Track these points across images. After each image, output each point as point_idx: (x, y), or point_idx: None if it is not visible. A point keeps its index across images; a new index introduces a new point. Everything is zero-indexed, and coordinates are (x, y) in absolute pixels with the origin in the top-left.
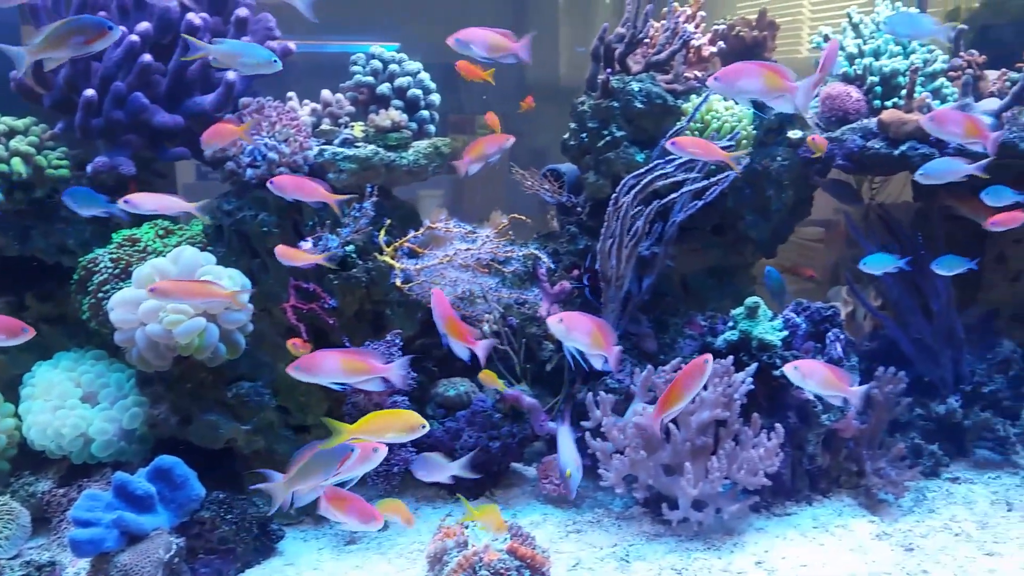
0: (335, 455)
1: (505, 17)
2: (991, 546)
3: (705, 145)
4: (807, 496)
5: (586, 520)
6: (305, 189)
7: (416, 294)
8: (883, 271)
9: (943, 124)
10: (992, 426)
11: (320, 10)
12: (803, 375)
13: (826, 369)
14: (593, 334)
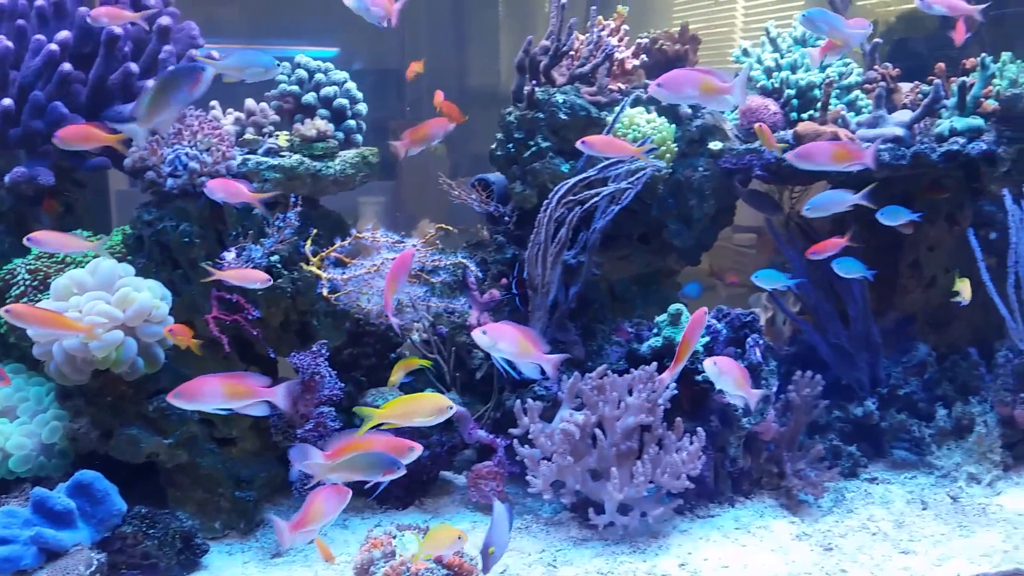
0: (383, 462)
1: (446, 26)
2: (907, 544)
3: (613, 143)
4: (730, 498)
5: (515, 527)
6: (231, 191)
7: (343, 304)
8: (772, 287)
9: (811, 158)
10: (908, 427)
11: (258, 15)
12: (720, 371)
13: (740, 370)
14: (520, 343)
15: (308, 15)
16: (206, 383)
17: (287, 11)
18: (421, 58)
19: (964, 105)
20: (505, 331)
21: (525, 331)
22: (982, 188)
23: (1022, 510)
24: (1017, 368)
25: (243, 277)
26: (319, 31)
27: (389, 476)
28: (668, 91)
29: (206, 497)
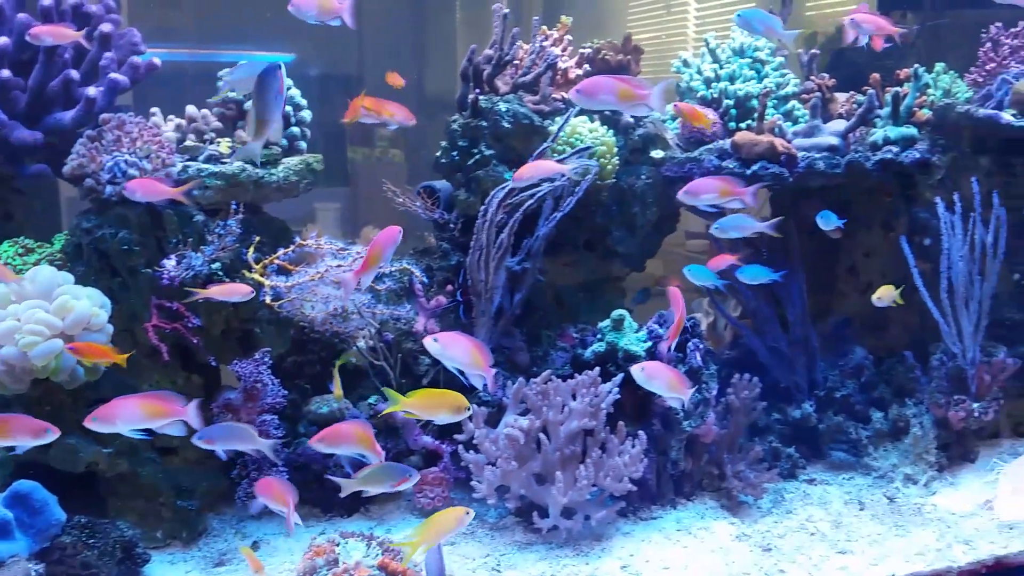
0: (398, 472)
1: (404, 31)
2: (844, 544)
3: (539, 166)
4: (672, 500)
5: (460, 532)
6: (150, 190)
7: (287, 311)
8: (702, 283)
9: (698, 194)
10: (845, 429)
11: (211, 20)
12: (648, 377)
13: (670, 372)
14: (470, 353)
15: (262, 20)
16: (122, 405)
17: (240, 16)
18: (379, 63)
19: (898, 115)
20: (456, 340)
21: (475, 342)
22: (917, 195)
23: (956, 510)
24: (951, 371)
25: (228, 292)
26: (273, 36)
27: (404, 485)
28: (586, 97)
29: (147, 506)
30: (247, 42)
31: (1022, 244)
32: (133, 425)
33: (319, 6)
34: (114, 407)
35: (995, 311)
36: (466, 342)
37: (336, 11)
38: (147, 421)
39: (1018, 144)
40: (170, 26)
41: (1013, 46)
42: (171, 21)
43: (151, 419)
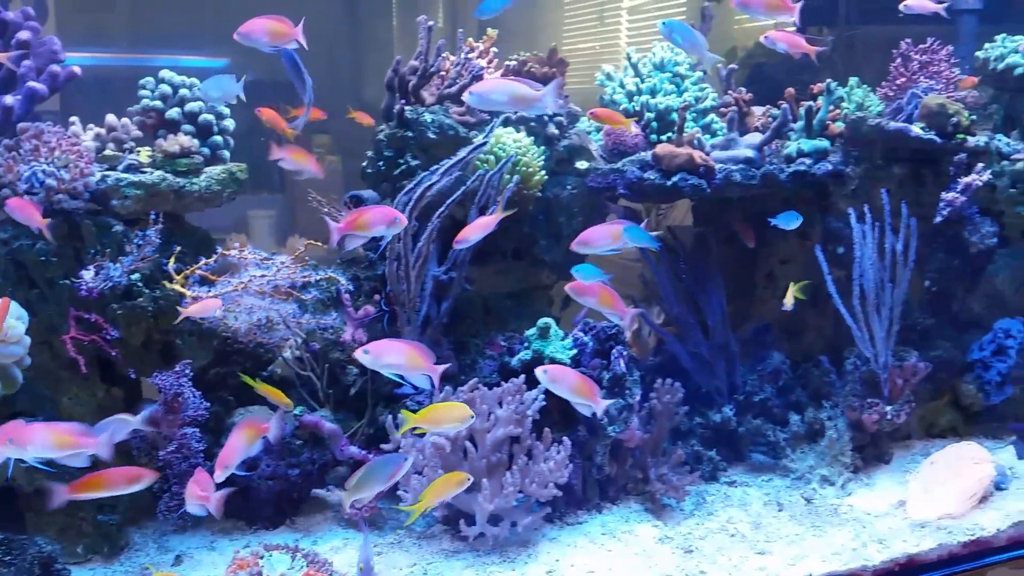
0: (393, 463)
1: (340, 36)
2: (763, 545)
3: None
4: (597, 504)
5: (387, 542)
6: (26, 214)
7: (209, 322)
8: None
9: (589, 243)
10: (764, 432)
11: (144, 24)
12: (552, 379)
13: (577, 378)
14: (407, 355)
15: (197, 25)
16: (34, 431)
17: (175, 20)
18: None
19: (811, 128)
20: (388, 347)
21: (410, 344)
22: (831, 205)
23: (870, 510)
24: (864, 375)
25: (204, 309)
26: (209, 41)
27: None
28: (478, 97)
29: (68, 521)
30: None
31: (933, 252)
32: (40, 455)
33: (270, 32)
34: (23, 432)
35: (907, 317)
36: (400, 346)
37: (289, 35)
38: (55, 451)
39: (927, 155)
40: (102, 30)
41: (922, 61)
42: (103, 25)
43: (60, 449)
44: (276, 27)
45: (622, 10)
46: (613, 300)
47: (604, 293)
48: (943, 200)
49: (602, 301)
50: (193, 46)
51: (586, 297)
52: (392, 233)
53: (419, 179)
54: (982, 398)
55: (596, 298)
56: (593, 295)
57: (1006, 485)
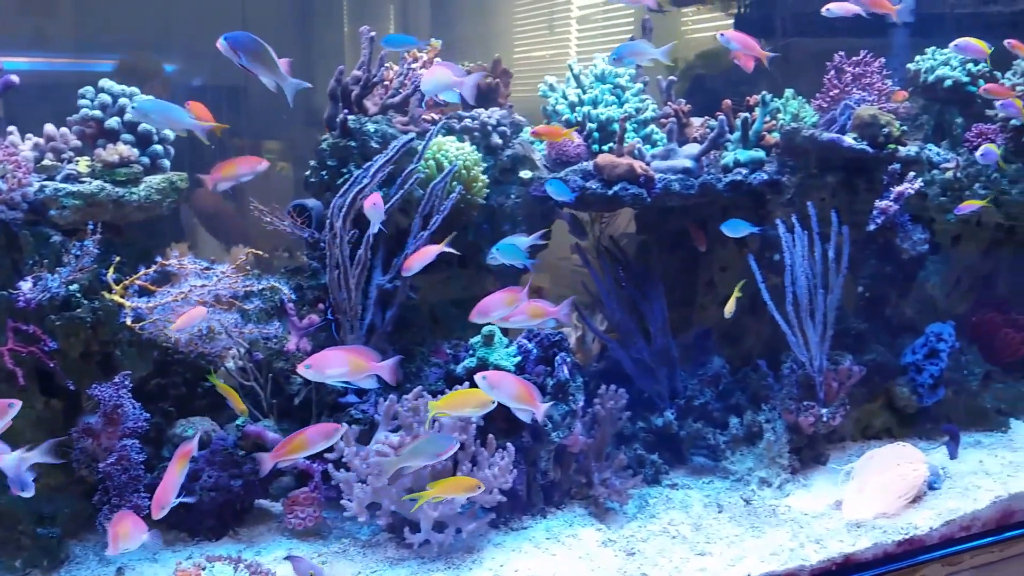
0: (444, 443)
1: (290, 43)
2: (703, 546)
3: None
4: (542, 509)
5: (332, 551)
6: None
7: (149, 333)
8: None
9: (487, 313)
10: (704, 436)
11: (89, 28)
12: (491, 385)
13: (517, 383)
14: (350, 361)
15: (144, 29)
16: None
17: (120, 25)
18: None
19: (747, 139)
20: (330, 356)
21: (350, 349)
22: (767, 214)
23: (808, 510)
24: (800, 379)
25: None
26: (155, 46)
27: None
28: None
29: (6, 535)
30: (125, 52)
31: (867, 259)
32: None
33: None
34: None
35: (841, 322)
36: (341, 353)
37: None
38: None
39: (860, 165)
40: (45, 35)
41: (855, 74)
42: (46, 29)
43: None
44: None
45: (571, 19)
46: (542, 308)
47: (531, 307)
48: (876, 208)
49: (533, 314)
50: (139, 51)
51: (517, 319)
52: (255, 174)
53: (352, 179)
54: (915, 400)
55: (526, 315)
56: (523, 314)
57: (939, 485)
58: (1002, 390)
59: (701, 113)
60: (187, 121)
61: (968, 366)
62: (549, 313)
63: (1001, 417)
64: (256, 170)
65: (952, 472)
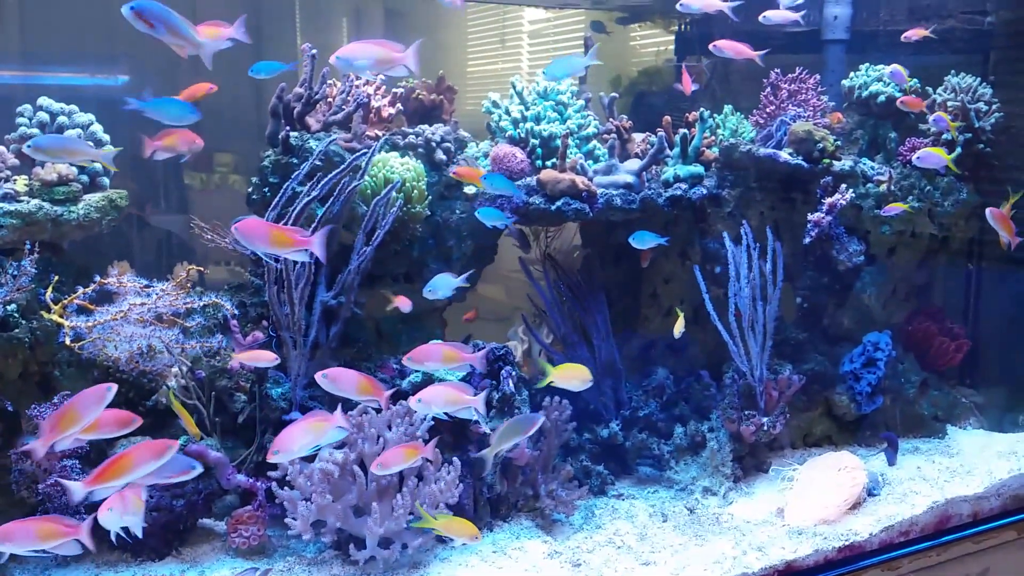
0: (530, 422)
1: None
2: (648, 555)
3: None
4: (489, 523)
5: (277, 570)
6: None
7: (89, 352)
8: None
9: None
10: (649, 446)
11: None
12: (427, 402)
13: (445, 390)
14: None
15: (91, 41)
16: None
17: (68, 36)
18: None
19: (686, 154)
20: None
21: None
22: (708, 228)
23: (750, 518)
24: (742, 388)
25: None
26: (103, 59)
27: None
28: (344, 61)
29: None
30: (76, 64)
31: (804, 270)
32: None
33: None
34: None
35: (780, 332)
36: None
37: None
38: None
39: (797, 179)
40: None
41: (790, 90)
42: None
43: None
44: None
45: (523, 33)
46: (458, 354)
47: (447, 352)
48: (810, 221)
49: (447, 359)
50: (87, 64)
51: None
52: (191, 152)
53: (282, 192)
54: (854, 408)
55: (440, 361)
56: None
57: (878, 491)
58: (938, 397)
59: (643, 129)
60: (86, 151)
61: (905, 374)
62: (464, 359)
63: (938, 423)
64: (192, 147)
65: (891, 478)
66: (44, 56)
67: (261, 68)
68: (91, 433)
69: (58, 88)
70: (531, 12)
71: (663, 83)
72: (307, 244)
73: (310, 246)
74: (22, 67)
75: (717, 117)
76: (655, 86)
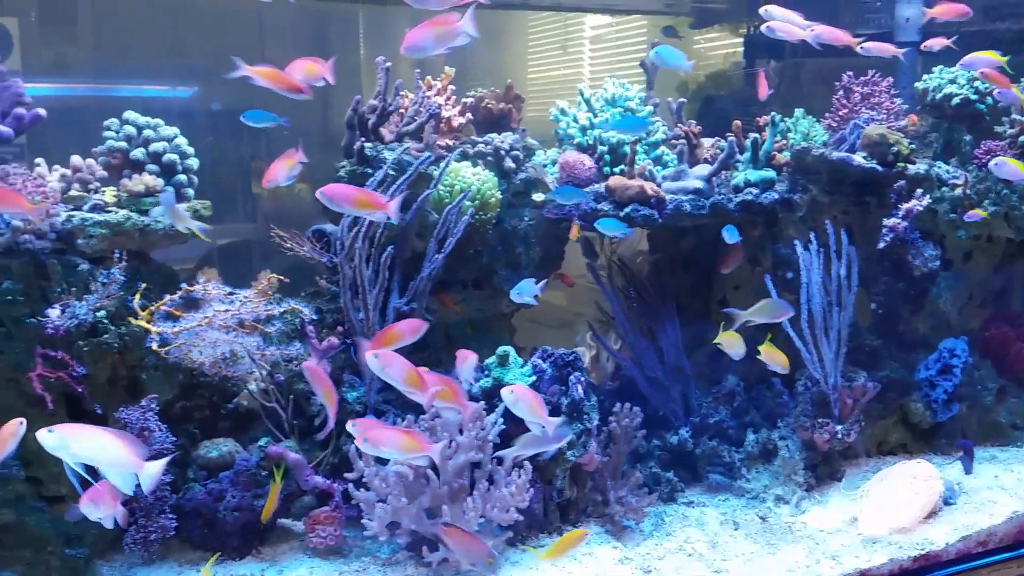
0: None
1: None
2: (719, 564)
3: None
4: (558, 527)
5: (353, 570)
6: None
7: (174, 357)
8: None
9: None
10: (719, 453)
11: (109, 54)
12: (515, 398)
13: (534, 398)
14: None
15: (162, 55)
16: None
17: (139, 52)
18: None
19: (757, 159)
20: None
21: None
22: (779, 233)
23: (824, 527)
24: (815, 396)
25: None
26: (174, 72)
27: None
28: (410, 48)
29: (35, 556)
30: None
31: (879, 276)
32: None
33: (304, 72)
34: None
35: (855, 338)
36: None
37: (319, 74)
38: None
39: (870, 183)
40: (66, 61)
41: (863, 93)
42: (67, 56)
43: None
44: (310, 68)
45: (584, 39)
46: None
47: (404, 439)
48: (885, 226)
49: (404, 447)
50: (157, 77)
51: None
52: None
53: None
54: (929, 416)
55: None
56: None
57: (954, 500)
58: (1016, 404)
59: (711, 134)
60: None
61: (982, 381)
62: (425, 449)
63: (1016, 432)
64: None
65: (967, 487)
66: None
67: (253, 116)
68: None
69: (129, 100)
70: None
71: (731, 87)
72: (385, 208)
73: (387, 210)
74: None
75: (788, 121)
76: (723, 90)
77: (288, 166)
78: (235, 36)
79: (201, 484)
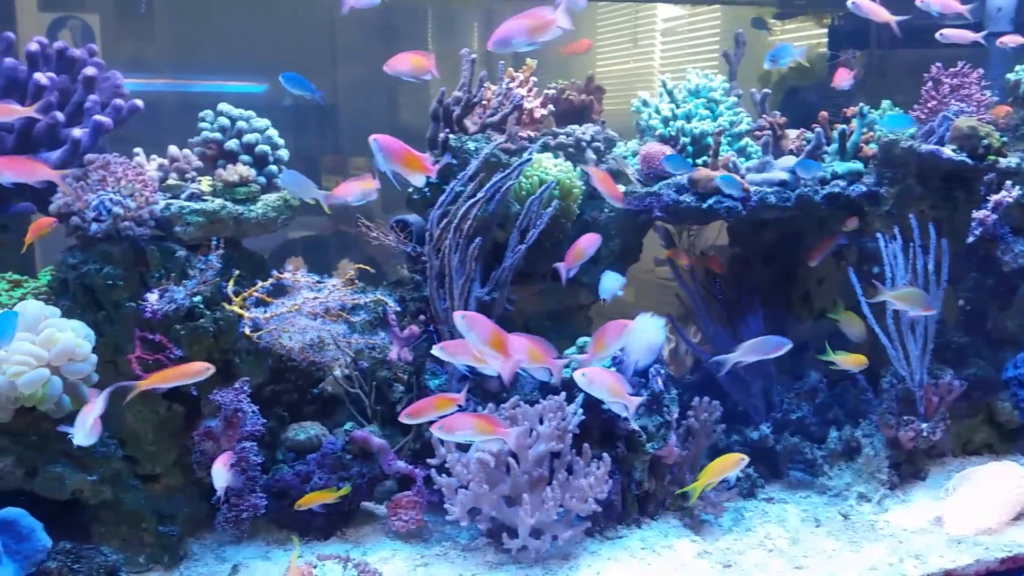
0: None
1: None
2: (800, 560)
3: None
4: (636, 519)
5: (433, 554)
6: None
7: (265, 342)
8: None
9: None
10: (801, 450)
11: (183, 51)
12: (590, 381)
13: (611, 377)
14: (530, 351)
15: (235, 51)
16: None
17: (213, 47)
18: (352, 94)
19: (844, 150)
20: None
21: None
22: (865, 226)
23: (907, 526)
24: (900, 393)
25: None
26: (247, 67)
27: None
28: (500, 44)
29: (130, 532)
30: (220, 73)
31: (967, 271)
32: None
33: (411, 64)
34: None
35: (942, 335)
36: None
37: (426, 68)
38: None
39: (960, 176)
40: (143, 58)
41: (952, 85)
42: (144, 53)
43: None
44: (416, 61)
45: (655, 32)
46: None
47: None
48: (975, 219)
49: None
50: (231, 72)
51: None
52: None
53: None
54: (1017, 416)
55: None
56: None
57: None
58: None
59: (795, 125)
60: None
61: None
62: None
63: None
64: (367, 195)
65: None
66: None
67: (291, 79)
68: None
69: (203, 96)
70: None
71: (815, 78)
72: (431, 171)
73: (432, 173)
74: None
75: (875, 112)
76: (807, 81)
77: (362, 189)
78: (306, 28)
79: (289, 465)
